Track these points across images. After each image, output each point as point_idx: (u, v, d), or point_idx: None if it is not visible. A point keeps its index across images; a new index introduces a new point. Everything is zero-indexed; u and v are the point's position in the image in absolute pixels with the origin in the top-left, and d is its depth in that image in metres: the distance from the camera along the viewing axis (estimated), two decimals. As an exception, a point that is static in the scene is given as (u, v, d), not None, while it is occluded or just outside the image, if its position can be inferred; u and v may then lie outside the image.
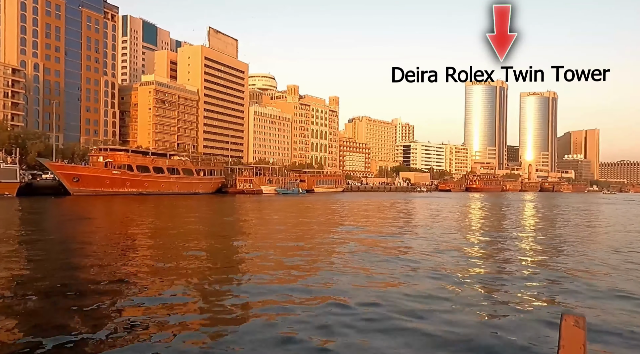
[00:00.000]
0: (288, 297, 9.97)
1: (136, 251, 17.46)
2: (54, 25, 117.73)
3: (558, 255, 17.23)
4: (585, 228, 30.15)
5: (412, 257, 15.57)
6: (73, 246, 18.54)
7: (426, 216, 38.97)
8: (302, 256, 15.81)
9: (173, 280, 11.57)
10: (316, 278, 12.20)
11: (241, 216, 37.22)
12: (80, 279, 11.83)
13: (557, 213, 47.38)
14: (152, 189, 77.26)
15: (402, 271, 13.11)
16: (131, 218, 33.42)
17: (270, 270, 13.26)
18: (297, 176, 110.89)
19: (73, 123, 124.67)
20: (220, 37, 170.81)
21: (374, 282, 11.67)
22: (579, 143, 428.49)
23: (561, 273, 13.31)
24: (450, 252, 16.89)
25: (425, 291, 10.63)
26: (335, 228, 26.61)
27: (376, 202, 62.82)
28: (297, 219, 33.54)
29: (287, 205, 52.85)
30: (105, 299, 9.68)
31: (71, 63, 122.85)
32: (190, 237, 21.05)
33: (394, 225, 29.69)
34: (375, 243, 19.23)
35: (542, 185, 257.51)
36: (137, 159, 77.12)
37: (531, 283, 12.09)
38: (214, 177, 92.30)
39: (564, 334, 2.75)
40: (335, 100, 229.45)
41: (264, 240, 20.71)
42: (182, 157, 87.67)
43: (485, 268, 14.20)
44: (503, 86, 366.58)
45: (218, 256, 16.21)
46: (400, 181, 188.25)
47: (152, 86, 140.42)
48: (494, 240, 21.32)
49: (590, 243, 21.49)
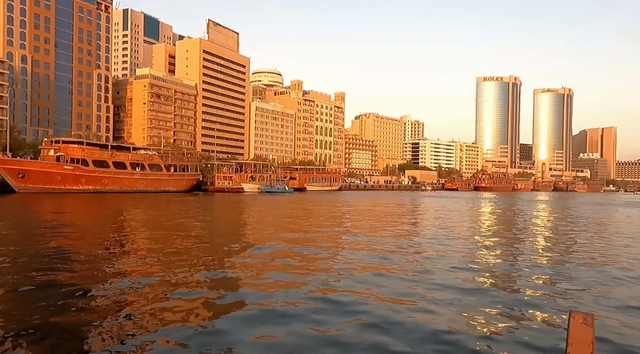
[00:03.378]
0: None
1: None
2: (43, 16, 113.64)
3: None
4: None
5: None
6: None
7: (400, 230, 33.07)
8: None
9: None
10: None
11: (173, 225, 31.63)
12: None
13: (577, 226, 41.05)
14: (112, 186, 70.71)
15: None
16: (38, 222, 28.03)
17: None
18: (287, 173, 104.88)
19: (64, 118, 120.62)
20: (220, 30, 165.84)
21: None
22: (595, 142, 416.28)
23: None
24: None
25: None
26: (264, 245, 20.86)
27: (363, 203, 56.86)
28: (239, 230, 27.23)
29: (255, 207, 47.25)
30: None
31: (62, 55, 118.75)
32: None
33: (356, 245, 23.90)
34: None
35: (556, 185, 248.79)
36: (94, 153, 69.54)
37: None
38: (188, 174, 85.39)
39: (573, 331, 2.71)
40: (341, 96, 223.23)
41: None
42: (149, 151, 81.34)
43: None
44: (516, 82, 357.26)
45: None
46: (406, 180, 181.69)
47: (146, 80, 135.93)
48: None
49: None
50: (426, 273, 12.61)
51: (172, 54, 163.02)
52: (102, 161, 69.42)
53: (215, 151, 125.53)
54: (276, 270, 12.67)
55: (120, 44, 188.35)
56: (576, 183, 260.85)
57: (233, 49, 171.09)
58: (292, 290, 10.26)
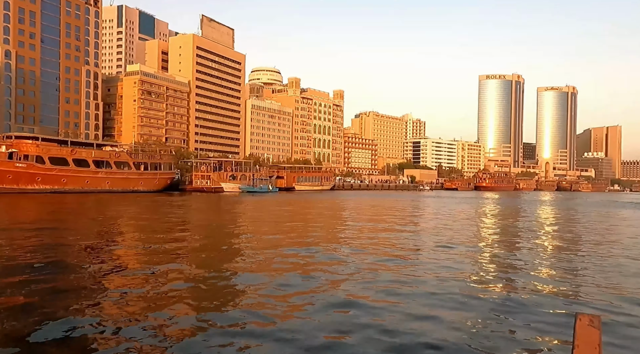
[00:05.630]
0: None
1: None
2: (28, 10, 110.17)
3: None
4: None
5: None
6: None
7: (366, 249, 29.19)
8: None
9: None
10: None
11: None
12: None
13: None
14: (72, 186, 65.93)
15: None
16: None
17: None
18: (273, 171, 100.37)
19: (51, 115, 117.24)
20: (215, 26, 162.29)
21: None
22: (599, 141, 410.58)
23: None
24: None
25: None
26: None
27: (341, 206, 53.01)
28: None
29: (216, 209, 43.41)
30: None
31: (48, 51, 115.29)
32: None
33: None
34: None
35: (560, 184, 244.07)
36: (51, 149, 64.55)
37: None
38: (161, 172, 79.96)
39: (579, 333, 2.69)
40: (340, 94, 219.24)
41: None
42: (116, 148, 76.99)
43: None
44: (519, 80, 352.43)
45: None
46: (404, 179, 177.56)
47: (137, 76, 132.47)
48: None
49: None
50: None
51: (165, 50, 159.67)
52: (60, 158, 64.81)
53: (205, 149, 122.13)
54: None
55: (114, 41, 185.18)
56: (580, 182, 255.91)
57: (228, 45, 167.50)
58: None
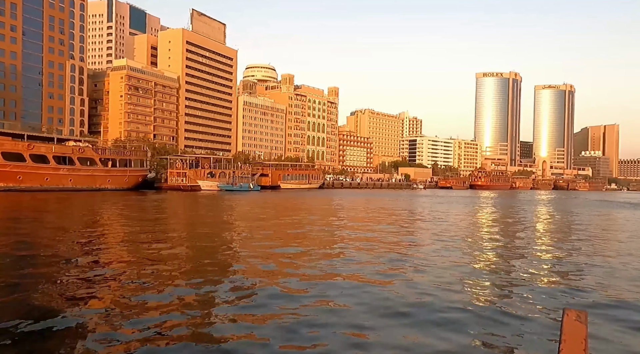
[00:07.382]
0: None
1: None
2: (9, 2, 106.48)
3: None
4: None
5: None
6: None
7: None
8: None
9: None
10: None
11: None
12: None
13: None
14: (29, 183, 62.36)
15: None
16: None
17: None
18: (257, 169, 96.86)
19: (34, 111, 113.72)
20: (206, 20, 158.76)
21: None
22: (597, 139, 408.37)
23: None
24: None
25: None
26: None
27: (309, 207, 49.85)
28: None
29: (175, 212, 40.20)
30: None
31: (30, 44, 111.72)
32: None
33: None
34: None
35: (556, 183, 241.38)
36: (4, 144, 60.84)
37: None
38: (131, 169, 76.02)
39: (566, 328, 2.76)
40: (335, 91, 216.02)
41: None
42: (80, 142, 73.06)
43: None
44: (516, 78, 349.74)
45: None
46: (399, 177, 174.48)
47: (123, 71, 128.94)
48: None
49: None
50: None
51: (155, 45, 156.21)
52: (15, 153, 60.91)
53: (195, 146, 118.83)
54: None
55: (105, 36, 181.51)
56: (577, 181, 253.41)
57: (219, 40, 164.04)
58: None
